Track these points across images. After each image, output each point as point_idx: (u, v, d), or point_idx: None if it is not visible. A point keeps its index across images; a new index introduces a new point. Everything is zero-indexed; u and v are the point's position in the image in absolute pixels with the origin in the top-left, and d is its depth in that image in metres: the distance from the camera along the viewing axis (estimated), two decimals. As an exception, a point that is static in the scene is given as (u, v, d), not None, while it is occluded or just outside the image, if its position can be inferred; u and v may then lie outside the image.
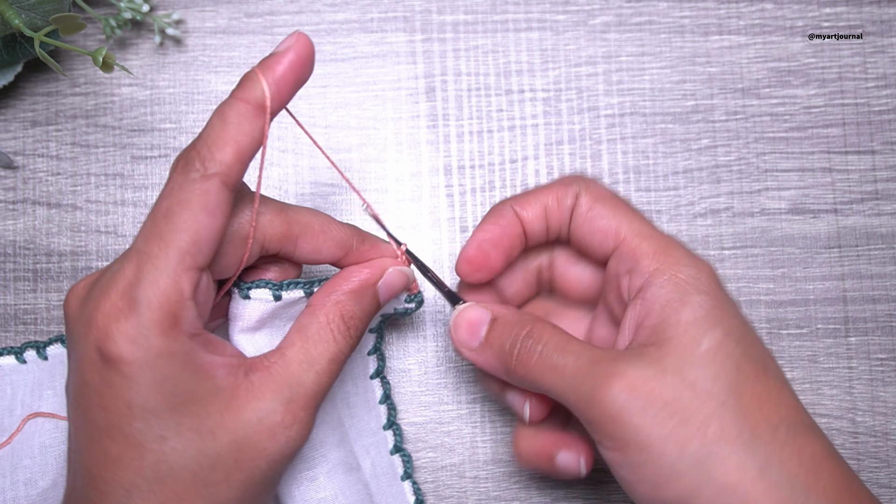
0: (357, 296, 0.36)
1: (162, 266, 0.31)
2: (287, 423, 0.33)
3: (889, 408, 0.46)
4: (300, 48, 0.33)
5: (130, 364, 0.31)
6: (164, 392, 0.32)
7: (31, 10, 0.40)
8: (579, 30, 0.48)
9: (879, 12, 0.48)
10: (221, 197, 0.32)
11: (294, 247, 0.36)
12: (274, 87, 0.33)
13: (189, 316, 0.32)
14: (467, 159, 0.47)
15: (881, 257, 0.47)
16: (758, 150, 0.48)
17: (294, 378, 0.34)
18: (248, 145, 0.32)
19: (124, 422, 0.32)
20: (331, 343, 0.35)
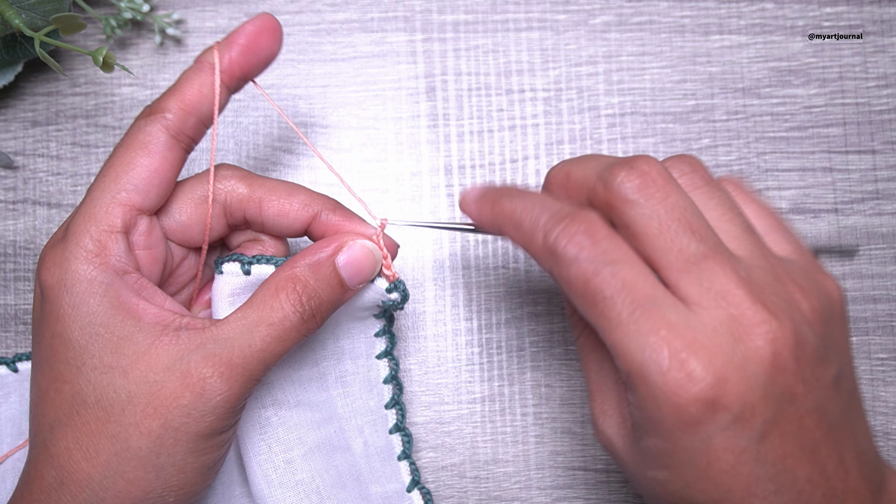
0: (313, 268, 0.35)
1: (96, 198, 0.33)
2: (205, 375, 0.32)
3: (890, 407, 0.46)
4: (259, 20, 0.36)
5: (52, 288, 0.32)
6: (81, 320, 0.32)
7: (31, 10, 0.40)
8: (580, 29, 0.48)
9: (880, 12, 0.48)
10: (161, 139, 0.34)
11: (259, 209, 0.36)
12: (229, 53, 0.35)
13: (117, 250, 0.33)
14: (468, 159, 0.47)
15: (882, 257, 0.47)
16: (758, 150, 0.48)
17: (223, 335, 0.33)
18: (193, 96, 0.35)
19: (49, 353, 0.33)
20: (276, 309, 0.33)
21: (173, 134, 0.34)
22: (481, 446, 0.46)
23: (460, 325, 0.46)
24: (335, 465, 0.40)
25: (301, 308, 0.34)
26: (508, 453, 0.45)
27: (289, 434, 0.39)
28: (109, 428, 0.32)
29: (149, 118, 0.34)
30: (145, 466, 0.32)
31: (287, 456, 0.39)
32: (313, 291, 0.34)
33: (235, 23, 0.48)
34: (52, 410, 0.33)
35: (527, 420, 0.46)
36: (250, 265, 0.37)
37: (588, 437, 0.45)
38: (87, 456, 0.32)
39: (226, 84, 0.35)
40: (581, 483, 0.45)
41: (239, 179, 0.36)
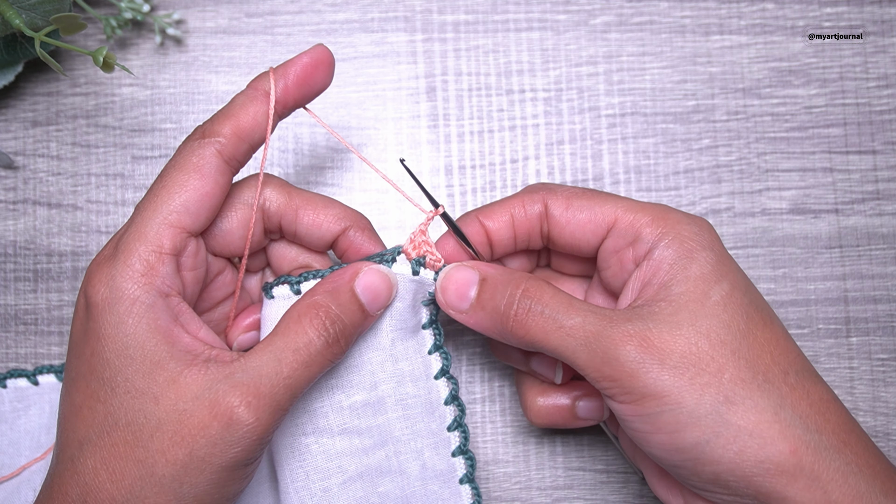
0: (333, 294, 0.35)
1: (147, 218, 0.34)
2: (233, 404, 0.32)
3: (890, 408, 0.46)
4: (315, 53, 0.37)
5: (97, 306, 0.33)
6: (120, 340, 0.33)
7: (31, 10, 0.40)
8: (580, 30, 0.48)
9: (880, 12, 0.48)
10: (214, 163, 0.35)
11: (294, 218, 0.38)
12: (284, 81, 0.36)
13: (164, 272, 0.33)
14: (468, 159, 0.47)
15: (882, 257, 0.47)
16: (759, 150, 0.48)
17: (250, 364, 0.33)
18: (247, 123, 0.36)
19: (87, 369, 0.33)
20: (300, 335, 0.34)
21: (226, 159, 0.35)
22: (481, 446, 0.46)
23: (460, 325, 0.46)
24: (379, 493, 0.39)
25: (325, 332, 0.34)
26: (508, 453, 0.45)
27: (328, 463, 0.39)
28: (137, 452, 0.32)
29: (202, 141, 0.35)
30: (167, 494, 0.32)
31: (324, 484, 0.38)
32: (336, 316, 0.35)
33: (235, 23, 0.48)
34: (83, 428, 0.33)
35: (527, 420, 0.46)
36: (299, 283, 0.37)
37: (588, 438, 0.45)
38: (112, 478, 0.32)
39: (278, 112, 0.37)
40: (581, 483, 0.45)
41: (279, 188, 0.38)
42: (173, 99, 0.47)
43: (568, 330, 0.34)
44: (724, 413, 0.32)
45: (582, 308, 0.35)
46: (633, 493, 0.45)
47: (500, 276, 0.36)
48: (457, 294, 0.37)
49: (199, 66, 0.48)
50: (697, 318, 0.33)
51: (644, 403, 0.33)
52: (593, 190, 0.38)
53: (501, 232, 0.38)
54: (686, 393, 0.32)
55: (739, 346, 0.33)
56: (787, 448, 0.32)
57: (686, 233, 0.35)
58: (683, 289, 0.34)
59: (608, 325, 0.34)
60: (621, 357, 0.33)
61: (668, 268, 0.35)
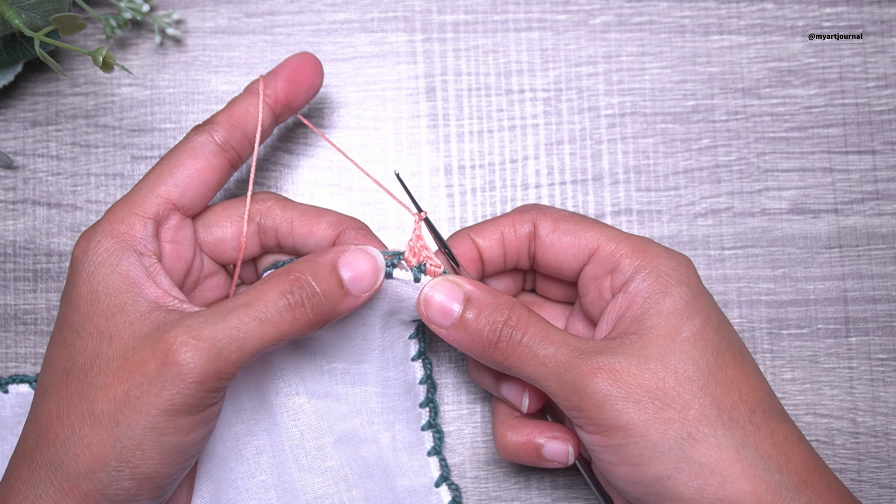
0: (311, 263, 0.35)
1: (137, 188, 0.37)
2: (172, 342, 0.31)
3: (890, 408, 0.46)
4: (302, 55, 0.41)
5: (77, 260, 0.35)
6: (91, 286, 0.34)
7: (31, 10, 0.40)
8: (579, 30, 0.48)
9: (880, 12, 0.48)
10: (208, 146, 0.37)
11: (290, 229, 0.38)
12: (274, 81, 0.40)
13: (143, 233, 0.35)
14: (468, 159, 0.47)
15: (882, 257, 0.47)
16: (758, 150, 0.48)
17: (205, 315, 0.33)
18: (240, 113, 0.38)
19: (62, 321, 0.35)
20: (260, 292, 0.33)
21: (219, 142, 0.38)
22: (481, 446, 0.46)
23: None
24: (362, 456, 0.41)
25: (289, 294, 0.33)
26: (508, 453, 0.45)
27: (320, 422, 0.40)
28: (84, 389, 0.32)
29: (198, 129, 0.38)
30: (103, 432, 0.32)
31: (318, 443, 0.40)
32: (306, 282, 0.34)
33: (235, 23, 0.48)
34: (49, 374, 0.34)
35: (527, 420, 0.46)
36: None
37: (588, 438, 0.46)
38: (59, 416, 0.33)
39: (271, 109, 0.39)
40: (581, 483, 0.45)
41: (275, 202, 0.39)
42: (173, 99, 0.47)
43: (541, 359, 0.35)
44: (687, 449, 0.32)
45: (557, 338, 0.35)
46: (632, 493, 0.45)
47: (485, 300, 0.36)
48: (440, 310, 0.37)
49: (199, 66, 0.48)
50: (666, 354, 0.34)
51: (610, 435, 0.34)
52: (582, 216, 0.39)
53: (492, 250, 0.39)
54: (651, 427, 0.33)
55: (706, 384, 0.33)
56: (747, 487, 0.32)
57: (664, 267, 0.36)
58: (655, 323, 0.34)
59: (579, 357, 0.34)
60: (589, 389, 0.34)
61: (643, 301, 0.35)
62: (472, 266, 0.39)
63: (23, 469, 0.33)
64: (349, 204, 0.47)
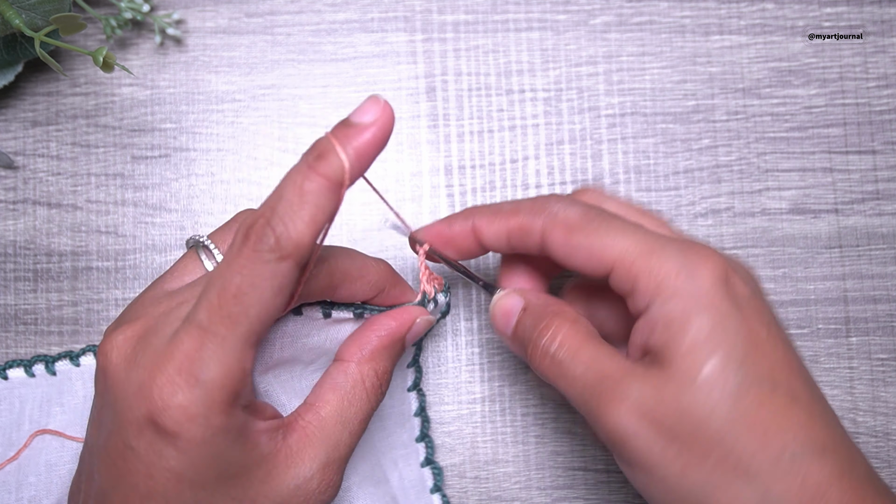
0: (389, 350, 0.36)
1: (229, 347, 0.30)
2: (322, 488, 0.33)
3: (890, 408, 0.46)
4: (385, 120, 0.31)
5: (188, 441, 0.30)
6: (216, 466, 0.31)
7: (31, 10, 0.40)
8: (580, 29, 0.48)
9: (880, 12, 0.48)
10: (293, 277, 0.30)
11: (332, 295, 0.36)
12: (354, 160, 0.30)
13: (247, 391, 0.32)
14: (468, 159, 0.47)
15: (882, 257, 0.47)
16: (758, 150, 0.48)
17: (330, 440, 0.34)
18: (324, 223, 0.31)
19: (172, 492, 0.31)
20: (364, 402, 0.35)
21: (301, 267, 0.31)
22: (481, 446, 0.46)
23: (460, 325, 0.46)
24: (381, 496, 0.41)
25: (381, 396, 0.36)
26: (508, 453, 0.45)
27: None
28: None
29: (283, 257, 0.30)
30: None
31: (345, 484, 0.40)
32: (389, 374, 0.36)
33: (235, 23, 0.48)
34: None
35: (527, 420, 0.46)
36: (363, 313, 0.37)
37: (588, 438, 0.45)
38: None
39: None
40: (581, 483, 0.45)
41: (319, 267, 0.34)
42: (173, 99, 0.47)
43: (570, 379, 0.34)
44: (706, 497, 0.31)
45: (587, 357, 0.34)
46: (632, 493, 0.45)
47: (535, 309, 0.36)
48: (502, 321, 0.38)
49: (199, 65, 0.48)
50: (684, 396, 0.31)
51: (634, 470, 0.33)
52: (593, 217, 0.35)
53: (495, 244, 0.38)
54: (670, 469, 0.32)
55: (725, 431, 0.31)
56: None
57: (684, 290, 0.32)
58: (674, 358, 0.32)
59: (602, 384, 0.33)
60: (610, 422, 0.32)
61: (662, 330, 0.32)
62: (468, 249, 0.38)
63: None
64: (350, 204, 0.47)
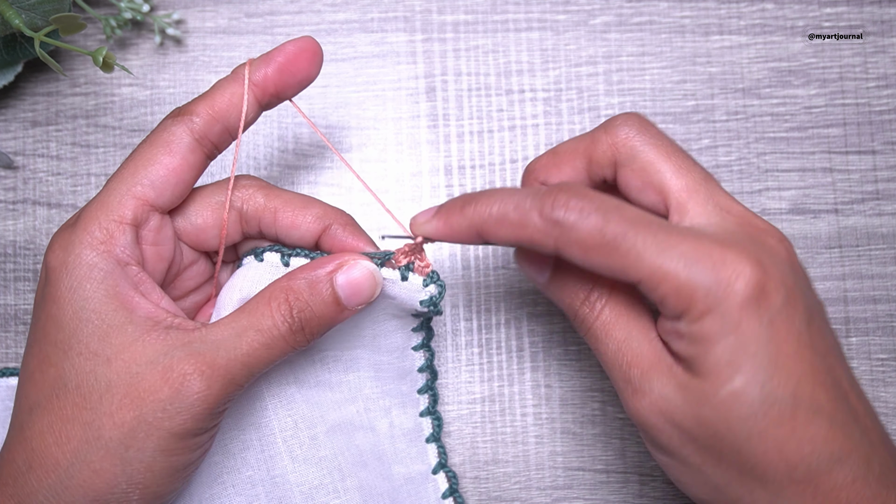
0: (310, 282, 0.34)
1: (112, 189, 0.34)
2: (186, 371, 0.32)
3: (890, 408, 0.46)
4: (301, 41, 0.36)
5: (55, 270, 0.33)
6: (75, 303, 0.33)
7: (31, 10, 0.40)
8: (580, 30, 0.48)
9: (880, 12, 0.48)
10: (185, 140, 0.35)
11: (273, 219, 0.37)
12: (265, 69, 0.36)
13: (123, 240, 0.34)
14: (468, 159, 0.47)
15: (882, 257, 0.47)
16: (758, 150, 0.48)
17: (210, 337, 0.33)
18: (222, 104, 0.35)
19: (42, 335, 0.33)
20: (265, 317, 0.33)
21: (197, 137, 0.35)
22: (481, 446, 0.46)
23: (460, 325, 0.46)
24: (356, 445, 0.41)
25: (290, 319, 0.34)
26: (508, 454, 0.45)
27: (312, 411, 0.40)
28: (84, 415, 0.32)
29: (175, 119, 0.35)
30: (113, 458, 0.32)
31: (311, 432, 0.40)
32: (305, 304, 0.34)
33: (235, 23, 0.48)
34: (34, 392, 0.33)
35: (527, 420, 0.46)
36: (290, 256, 0.37)
37: (588, 438, 0.45)
38: (58, 441, 0.32)
39: (258, 99, 0.36)
40: (581, 483, 0.45)
41: (257, 189, 0.37)
42: (173, 99, 0.47)
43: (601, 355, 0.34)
44: (724, 488, 0.32)
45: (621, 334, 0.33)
46: (632, 493, 0.45)
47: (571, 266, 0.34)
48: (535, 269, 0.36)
49: (199, 66, 0.48)
50: (704, 408, 0.31)
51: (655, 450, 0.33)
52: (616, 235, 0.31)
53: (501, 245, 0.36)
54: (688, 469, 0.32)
55: (740, 446, 0.31)
56: None
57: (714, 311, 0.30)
58: (699, 372, 0.31)
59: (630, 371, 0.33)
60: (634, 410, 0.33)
61: (689, 344, 0.31)
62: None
63: (12, 489, 0.32)
64: (349, 204, 0.47)
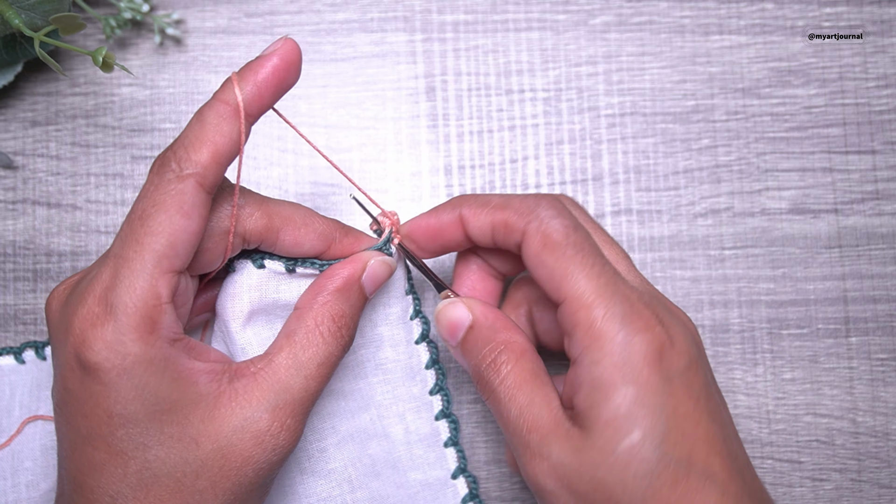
0: (344, 294, 0.36)
1: (138, 270, 0.31)
2: (274, 430, 0.33)
3: (890, 408, 0.46)
4: (285, 53, 0.33)
5: (108, 371, 0.31)
6: (143, 400, 0.31)
7: (31, 10, 0.40)
8: (579, 30, 0.48)
9: (880, 12, 0.48)
10: (197, 198, 0.32)
11: (276, 239, 0.36)
12: (255, 90, 0.33)
13: (167, 321, 0.32)
14: (467, 159, 0.47)
15: (882, 257, 0.47)
16: (758, 150, 0.48)
17: (281, 384, 0.33)
18: (225, 146, 0.32)
19: (106, 430, 0.31)
20: (320, 346, 0.34)
21: (207, 190, 0.32)
22: (481, 446, 0.46)
23: (460, 325, 0.46)
24: (369, 454, 0.41)
25: (341, 339, 0.35)
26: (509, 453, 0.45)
27: (322, 423, 0.40)
28: (182, 497, 0.32)
29: (181, 173, 0.32)
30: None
31: (321, 445, 0.40)
32: (348, 318, 0.35)
33: (235, 23, 0.48)
34: (113, 484, 0.32)
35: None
36: (295, 265, 0.37)
37: (588, 438, 0.45)
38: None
39: (249, 122, 0.34)
40: None
41: (256, 208, 0.35)
42: (173, 99, 0.47)
43: (502, 419, 0.35)
44: None
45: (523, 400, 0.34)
46: (632, 493, 0.45)
47: (482, 331, 0.36)
48: (448, 332, 0.37)
49: (199, 65, 0.48)
50: (599, 467, 0.32)
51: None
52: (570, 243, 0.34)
53: (480, 238, 0.37)
54: None
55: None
56: None
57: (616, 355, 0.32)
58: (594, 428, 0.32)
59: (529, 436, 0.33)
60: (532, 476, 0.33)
61: (587, 394, 0.32)
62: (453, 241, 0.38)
63: None
64: (349, 204, 0.47)
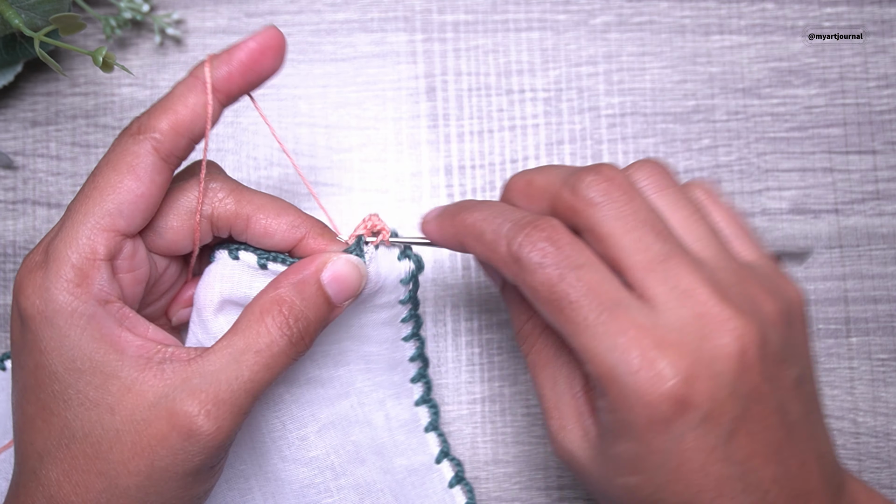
0: (298, 287, 0.33)
1: (79, 222, 0.32)
2: (192, 413, 0.30)
3: (890, 408, 0.46)
4: (263, 39, 0.33)
5: (33, 318, 0.31)
6: (62, 353, 0.31)
7: (31, 10, 0.40)
8: (580, 29, 0.48)
9: (880, 12, 0.48)
10: (150, 162, 0.32)
11: (245, 226, 0.35)
12: (227, 70, 0.33)
13: (100, 278, 0.32)
14: (468, 159, 0.47)
15: (882, 257, 0.47)
16: (759, 150, 0.48)
17: (209, 367, 0.31)
18: (186, 116, 0.32)
19: (33, 382, 0.32)
20: (262, 335, 0.32)
21: (163, 156, 0.32)
22: (481, 446, 0.46)
23: (460, 325, 0.46)
24: (353, 441, 0.40)
25: (289, 331, 0.32)
26: (509, 453, 0.45)
27: (301, 411, 0.39)
28: (98, 465, 0.31)
29: (138, 137, 0.32)
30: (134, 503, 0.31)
31: (301, 433, 0.39)
32: (300, 312, 0.33)
33: (235, 23, 0.48)
34: (40, 440, 0.32)
35: (527, 420, 0.46)
36: (267, 260, 0.35)
37: (588, 438, 0.45)
38: (77, 490, 0.31)
39: (220, 101, 0.33)
40: (581, 483, 0.45)
41: (227, 193, 0.35)
42: (173, 99, 0.47)
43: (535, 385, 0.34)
44: None
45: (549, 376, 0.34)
46: (632, 494, 0.45)
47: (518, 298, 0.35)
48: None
49: (199, 66, 0.48)
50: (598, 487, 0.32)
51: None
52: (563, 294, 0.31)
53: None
54: None
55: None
56: None
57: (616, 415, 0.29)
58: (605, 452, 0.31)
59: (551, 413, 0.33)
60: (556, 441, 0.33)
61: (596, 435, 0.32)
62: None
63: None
64: (349, 204, 0.47)
